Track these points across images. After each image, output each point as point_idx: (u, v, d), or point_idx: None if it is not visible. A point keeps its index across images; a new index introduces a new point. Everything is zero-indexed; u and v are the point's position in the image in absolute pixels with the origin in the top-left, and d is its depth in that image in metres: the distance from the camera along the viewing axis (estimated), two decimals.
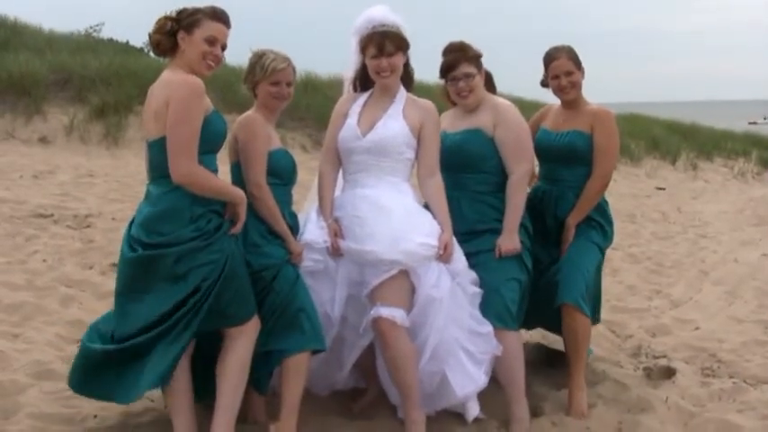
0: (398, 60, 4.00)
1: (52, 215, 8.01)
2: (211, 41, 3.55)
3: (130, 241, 3.55)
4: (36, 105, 12.91)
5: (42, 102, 13.06)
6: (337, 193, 4.15)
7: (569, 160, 4.56)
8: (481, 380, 4.02)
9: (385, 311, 3.81)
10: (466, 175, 4.25)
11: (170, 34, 3.58)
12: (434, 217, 4.02)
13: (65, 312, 5.53)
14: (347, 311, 4.04)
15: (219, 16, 3.59)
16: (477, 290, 4.08)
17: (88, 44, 17.52)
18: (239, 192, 3.65)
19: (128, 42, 21.05)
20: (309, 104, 14.40)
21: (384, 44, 3.94)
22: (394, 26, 3.97)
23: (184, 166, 3.40)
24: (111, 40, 20.78)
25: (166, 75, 3.57)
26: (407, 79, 4.14)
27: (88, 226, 7.81)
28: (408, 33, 4.03)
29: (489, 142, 4.24)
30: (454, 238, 4.02)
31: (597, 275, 4.70)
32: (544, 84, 4.64)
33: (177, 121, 3.39)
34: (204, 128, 3.46)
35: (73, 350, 4.72)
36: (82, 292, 5.95)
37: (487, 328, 4.04)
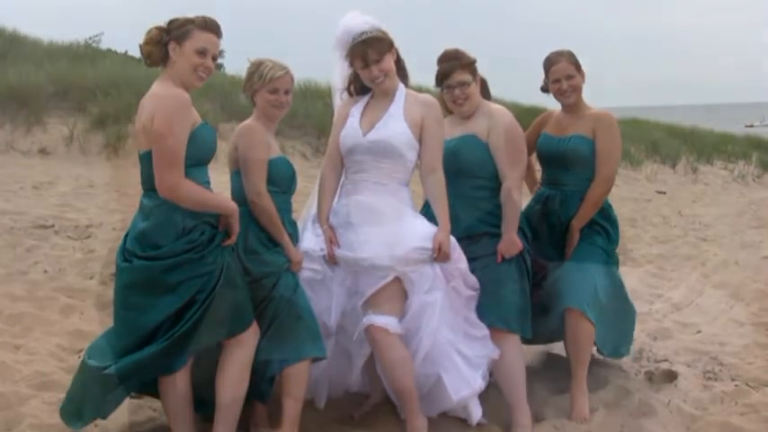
0: (387, 63, 3.98)
1: (53, 226, 8.01)
2: (202, 52, 3.54)
3: (125, 254, 3.55)
4: (36, 116, 12.92)
5: (42, 113, 13.06)
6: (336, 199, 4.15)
7: (572, 164, 4.57)
8: (477, 383, 4.01)
9: (377, 319, 3.82)
10: (462, 180, 4.24)
11: (161, 45, 3.58)
12: (434, 212, 4.01)
13: (66, 322, 5.53)
14: (345, 321, 4.04)
15: (210, 27, 3.57)
16: (473, 293, 4.08)
17: (87, 54, 17.54)
18: (230, 204, 3.64)
19: (126, 52, 21.10)
20: (309, 112, 14.40)
21: (367, 54, 3.94)
22: (372, 31, 3.95)
23: (170, 181, 3.40)
24: (110, 51, 20.83)
25: (155, 87, 3.57)
26: (402, 73, 4.12)
27: (89, 236, 7.81)
28: (388, 30, 4.00)
29: (484, 148, 4.24)
30: (455, 241, 4.03)
31: (618, 298, 4.72)
32: (545, 89, 4.65)
33: (161, 136, 3.38)
34: (192, 141, 3.46)
35: (74, 360, 4.73)
36: (82, 303, 5.96)
37: (483, 331, 4.05)
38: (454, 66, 4.25)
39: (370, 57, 3.94)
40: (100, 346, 3.70)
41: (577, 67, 4.54)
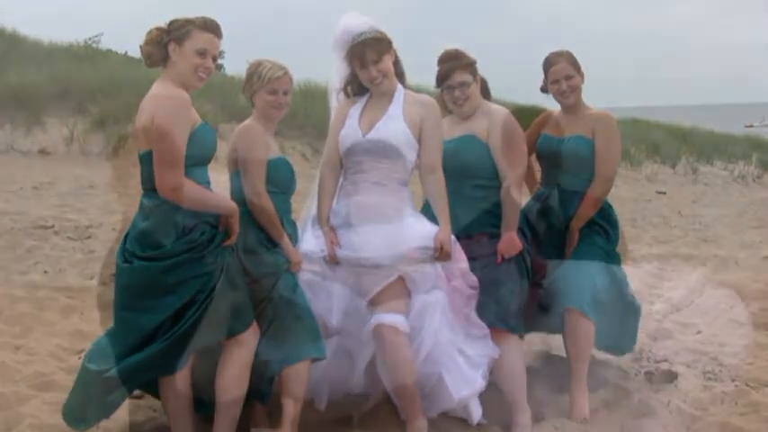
0: (386, 64, 3.98)
1: (53, 226, 8.03)
2: (202, 53, 3.55)
3: (125, 254, 3.56)
4: (36, 117, 12.93)
5: (42, 113, 13.08)
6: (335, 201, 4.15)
7: (572, 165, 4.57)
8: (478, 383, 4.01)
9: (386, 318, 3.82)
10: (461, 180, 4.23)
11: (161, 45, 3.58)
12: (434, 212, 4.01)
13: (66, 323, 5.54)
14: (347, 322, 4.04)
15: (210, 27, 3.57)
16: (473, 292, 4.07)
17: (87, 55, 17.55)
18: (230, 204, 3.65)
19: (126, 53, 21.10)
20: (309, 112, 14.39)
21: (365, 55, 3.94)
22: (371, 32, 3.95)
23: (171, 181, 3.40)
24: (110, 51, 20.82)
25: (155, 87, 3.58)
26: (399, 74, 4.12)
27: (89, 237, 7.83)
28: (387, 31, 4.00)
29: (483, 148, 4.24)
30: (455, 240, 4.02)
31: (622, 299, 4.71)
32: (544, 89, 4.65)
33: (161, 137, 3.40)
34: (192, 141, 3.46)
35: (74, 361, 4.74)
36: (83, 303, 5.96)
37: (483, 331, 4.05)
38: (454, 66, 4.25)
39: (369, 57, 3.94)
40: (99, 349, 3.69)
41: (576, 67, 4.54)
